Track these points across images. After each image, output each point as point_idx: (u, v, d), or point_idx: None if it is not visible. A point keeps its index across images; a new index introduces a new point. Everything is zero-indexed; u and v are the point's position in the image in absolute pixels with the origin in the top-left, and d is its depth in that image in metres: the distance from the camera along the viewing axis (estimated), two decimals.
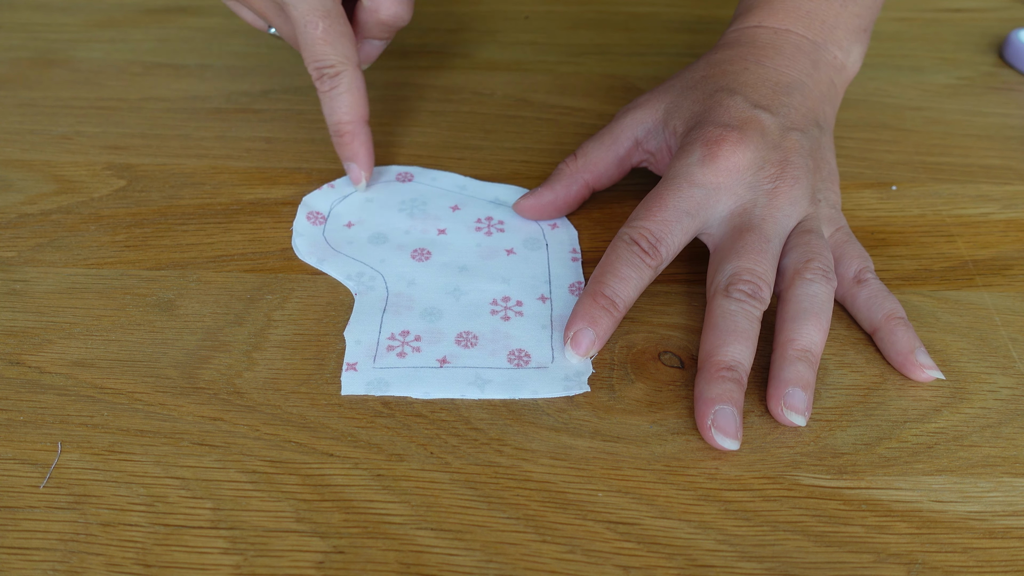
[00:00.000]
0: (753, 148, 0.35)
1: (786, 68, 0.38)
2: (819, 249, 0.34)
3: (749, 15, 0.40)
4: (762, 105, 0.36)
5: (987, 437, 0.31)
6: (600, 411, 0.32)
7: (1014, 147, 0.45)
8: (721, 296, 0.32)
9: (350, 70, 0.38)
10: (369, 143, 0.39)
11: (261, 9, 0.38)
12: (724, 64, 0.39)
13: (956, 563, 0.28)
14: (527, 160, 0.44)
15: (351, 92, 0.38)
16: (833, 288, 0.33)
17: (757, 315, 0.32)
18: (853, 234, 0.37)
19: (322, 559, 0.27)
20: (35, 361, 0.33)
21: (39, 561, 0.27)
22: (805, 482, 0.30)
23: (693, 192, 0.34)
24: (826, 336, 0.32)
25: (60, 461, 0.30)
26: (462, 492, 0.29)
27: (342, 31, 0.37)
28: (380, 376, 0.32)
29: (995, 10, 0.57)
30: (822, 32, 0.39)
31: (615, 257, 0.33)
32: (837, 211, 0.37)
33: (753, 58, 0.38)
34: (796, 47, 0.39)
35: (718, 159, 0.34)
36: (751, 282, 0.32)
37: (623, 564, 0.27)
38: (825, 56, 0.39)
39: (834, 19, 0.39)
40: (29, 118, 0.45)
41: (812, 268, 0.33)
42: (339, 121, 0.39)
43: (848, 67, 0.40)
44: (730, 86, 0.37)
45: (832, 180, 0.37)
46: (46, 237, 0.38)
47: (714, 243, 0.35)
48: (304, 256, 0.37)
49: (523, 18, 0.55)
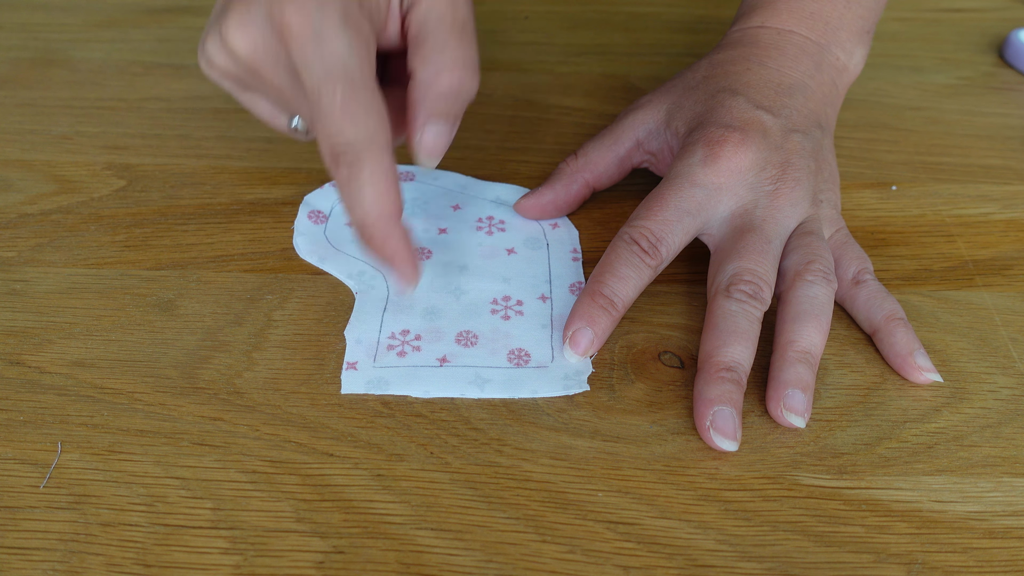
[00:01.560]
0: (755, 149, 0.35)
1: (789, 69, 0.38)
2: (820, 251, 0.34)
3: (752, 15, 0.40)
4: (764, 106, 0.36)
5: (987, 437, 0.31)
6: (600, 411, 0.32)
7: (1014, 147, 0.45)
8: (722, 296, 0.32)
9: (374, 153, 0.29)
10: (408, 241, 0.31)
11: (275, 83, 0.30)
12: (727, 64, 0.39)
13: (956, 563, 0.28)
14: (527, 160, 0.44)
15: (375, 183, 0.29)
16: (834, 290, 0.33)
17: (758, 316, 0.32)
18: (851, 235, 0.37)
19: (322, 559, 0.27)
20: (35, 361, 0.33)
21: (39, 561, 0.27)
22: (805, 482, 0.30)
23: (694, 192, 0.34)
24: (826, 338, 0.32)
25: (60, 461, 0.30)
26: (462, 492, 0.29)
27: (368, 103, 0.29)
28: (380, 375, 0.32)
29: (995, 10, 0.57)
30: (825, 33, 0.39)
31: (615, 256, 0.33)
32: (837, 213, 0.37)
33: (756, 59, 0.38)
34: (799, 48, 0.39)
35: (720, 159, 0.34)
36: (752, 283, 0.32)
37: (623, 564, 0.27)
38: (828, 58, 0.39)
39: (838, 20, 0.39)
40: (29, 118, 0.45)
41: (813, 270, 0.33)
42: (363, 219, 0.30)
43: (850, 69, 0.40)
44: (732, 87, 0.37)
45: (833, 182, 0.37)
46: (46, 237, 0.38)
47: (715, 243, 0.35)
48: (305, 255, 0.37)
49: (523, 18, 0.55)
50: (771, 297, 0.33)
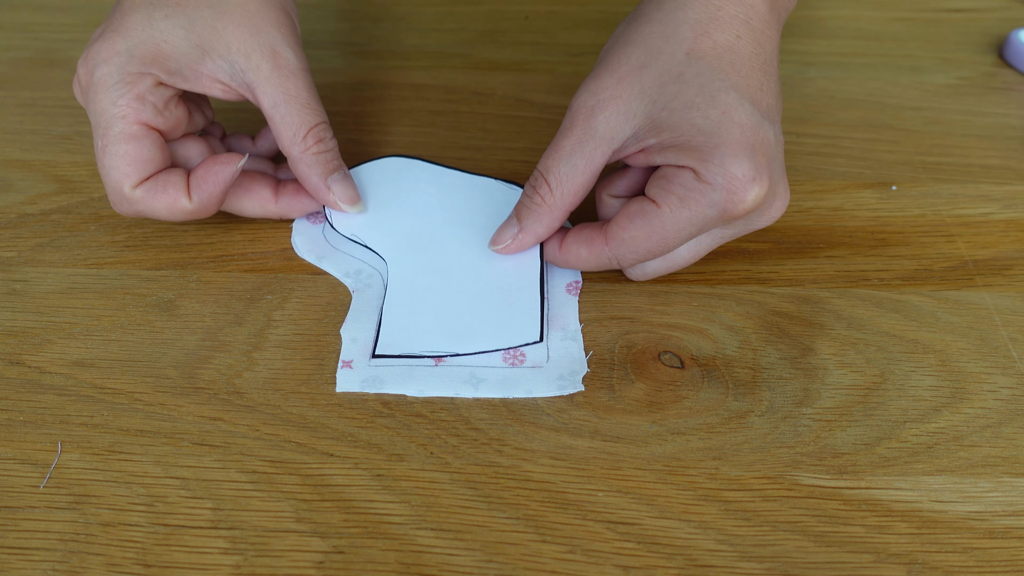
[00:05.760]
0: (767, 185, 0.32)
1: (765, 26, 0.34)
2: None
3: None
4: (763, 110, 0.33)
5: (987, 437, 0.31)
6: (600, 411, 0.32)
7: (1014, 147, 0.45)
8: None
9: (127, 192, 0.35)
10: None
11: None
12: (712, 32, 0.33)
13: (956, 563, 0.28)
14: (527, 160, 0.43)
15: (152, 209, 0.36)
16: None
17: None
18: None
19: (322, 559, 0.27)
20: (35, 361, 0.33)
21: (39, 561, 0.27)
22: (805, 482, 0.30)
23: (700, 228, 0.33)
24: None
25: (60, 461, 0.30)
26: (462, 492, 0.29)
27: (122, 152, 0.34)
28: (375, 374, 0.32)
29: (995, 10, 0.57)
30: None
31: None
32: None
33: (743, 20, 0.33)
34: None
35: (738, 208, 0.32)
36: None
37: (623, 564, 0.27)
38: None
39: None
40: (29, 118, 0.45)
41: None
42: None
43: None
44: (733, 82, 0.32)
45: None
46: (46, 237, 0.38)
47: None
48: (303, 253, 0.37)
49: (523, 18, 0.55)
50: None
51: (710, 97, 0.32)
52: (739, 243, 0.39)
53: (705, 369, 0.33)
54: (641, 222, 0.32)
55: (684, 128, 0.32)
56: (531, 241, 0.35)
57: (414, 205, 0.39)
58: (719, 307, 0.36)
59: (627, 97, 0.33)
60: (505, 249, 0.36)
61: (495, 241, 0.36)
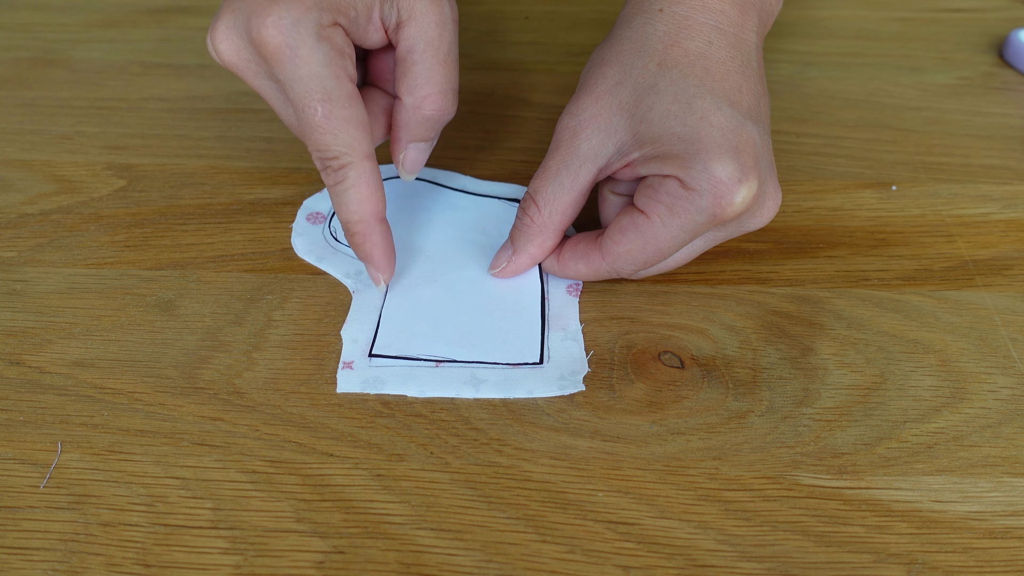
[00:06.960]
0: (756, 184, 0.32)
1: (737, 29, 0.34)
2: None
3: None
4: (743, 110, 0.33)
5: (987, 437, 0.31)
6: (600, 411, 0.32)
7: (1014, 147, 0.45)
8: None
9: (357, 162, 0.31)
10: (387, 242, 0.34)
11: (260, 90, 0.33)
12: (681, 40, 0.33)
13: (956, 563, 0.28)
14: (527, 160, 0.44)
15: (359, 187, 0.32)
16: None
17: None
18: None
19: (322, 559, 0.27)
20: (35, 361, 0.33)
21: (39, 561, 0.27)
22: (805, 482, 0.30)
23: (692, 234, 0.33)
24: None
25: (60, 461, 0.30)
26: (462, 492, 0.29)
27: (347, 117, 0.31)
28: (376, 374, 0.32)
29: (995, 10, 0.57)
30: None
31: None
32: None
33: (713, 25, 0.33)
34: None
35: (727, 211, 0.31)
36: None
37: (623, 564, 0.27)
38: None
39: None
40: (29, 118, 0.45)
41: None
42: (347, 220, 0.33)
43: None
44: (707, 86, 0.32)
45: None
46: (46, 237, 0.38)
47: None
48: (303, 254, 0.37)
49: (523, 18, 0.55)
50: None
51: (686, 104, 0.32)
52: (739, 243, 0.39)
53: (705, 369, 0.33)
54: (633, 235, 0.33)
55: (664, 138, 0.32)
56: (526, 262, 0.35)
57: (417, 223, 0.39)
58: (719, 307, 0.36)
59: (607, 115, 0.33)
60: (502, 272, 0.36)
61: (493, 265, 0.36)
